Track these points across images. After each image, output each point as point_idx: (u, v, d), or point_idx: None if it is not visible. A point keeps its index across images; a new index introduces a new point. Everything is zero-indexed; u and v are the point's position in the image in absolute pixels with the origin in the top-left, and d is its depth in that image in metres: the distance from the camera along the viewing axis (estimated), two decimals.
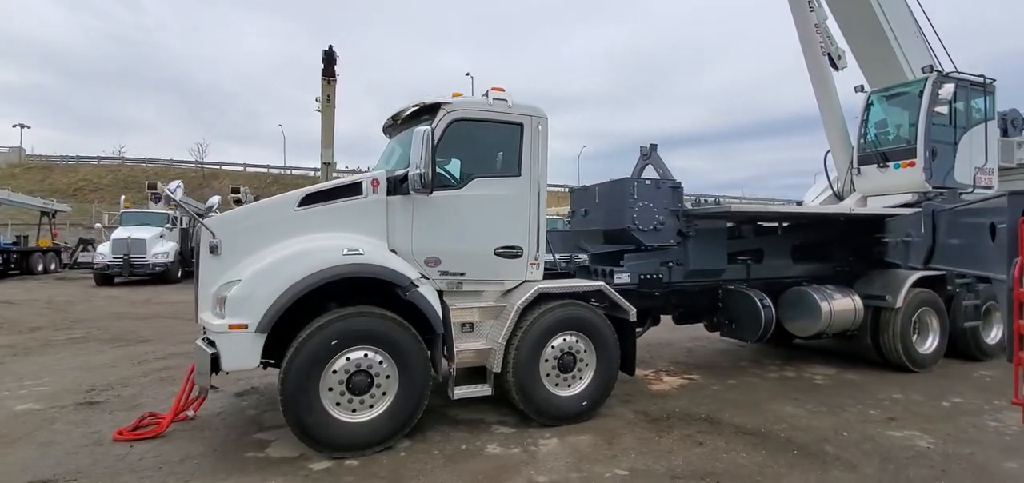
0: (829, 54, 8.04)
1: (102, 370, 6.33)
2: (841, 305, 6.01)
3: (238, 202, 23.70)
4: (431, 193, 4.07)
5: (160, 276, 17.41)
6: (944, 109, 6.42)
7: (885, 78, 7.47)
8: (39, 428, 4.41)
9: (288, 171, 42.65)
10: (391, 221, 4.24)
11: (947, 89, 6.38)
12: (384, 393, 3.93)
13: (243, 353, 3.64)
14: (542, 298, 4.44)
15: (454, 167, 4.53)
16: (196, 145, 49.64)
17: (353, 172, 40.60)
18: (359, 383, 3.85)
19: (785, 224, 6.60)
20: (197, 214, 3.99)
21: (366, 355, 3.86)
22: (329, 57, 19.46)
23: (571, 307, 4.53)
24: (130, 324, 9.79)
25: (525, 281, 4.61)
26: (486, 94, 4.62)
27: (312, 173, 42.17)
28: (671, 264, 5.68)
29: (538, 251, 4.64)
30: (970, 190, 6.48)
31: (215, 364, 3.62)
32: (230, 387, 5.44)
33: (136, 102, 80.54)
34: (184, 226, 19.91)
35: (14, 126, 44.45)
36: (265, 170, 42.35)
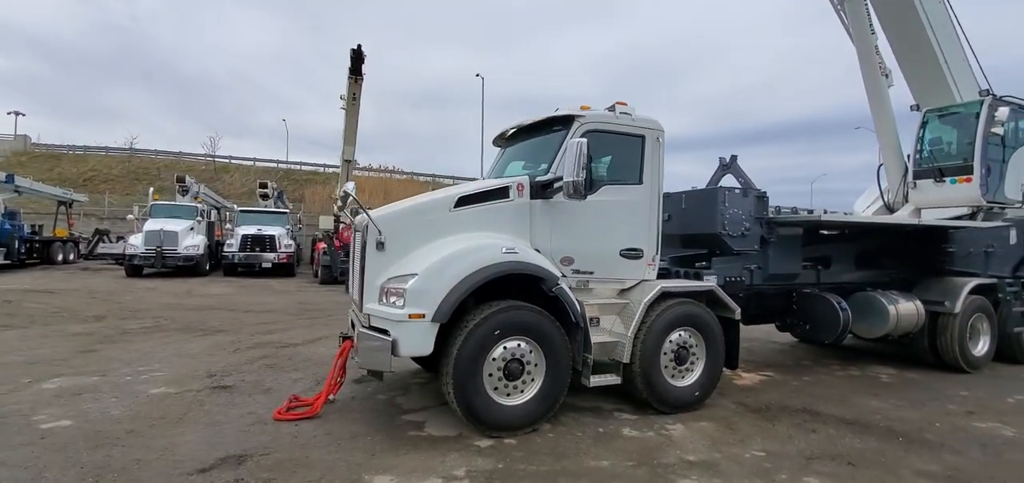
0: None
1: (203, 357, 6.62)
2: (906, 309, 6.49)
3: (265, 196, 23.95)
4: (585, 198, 4.45)
5: (190, 268, 17.65)
6: (999, 129, 6.94)
7: (933, 96, 7.98)
8: (192, 409, 4.71)
9: (299, 166, 42.65)
10: (533, 223, 4.63)
11: (1003, 112, 6.90)
12: (533, 379, 4.30)
13: (420, 340, 3.99)
14: (664, 296, 4.84)
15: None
16: (208, 139, 49.44)
17: (372, 170, 40.53)
18: (513, 370, 4.22)
19: (847, 232, 7.08)
20: (368, 213, 4.32)
21: (519, 344, 4.23)
22: (357, 56, 19.67)
23: (688, 305, 4.94)
24: (191, 314, 10.03)
25: (643, 280, 5.01)
26: (611, 107, 5.01)
27: (322, 170, 42.24)
28: (752, 268, 6.12)
29: (656, 253, 5.05)
30: (1019, 205, 7.01)
31: (395, 349, 3.96)
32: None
33: (128, 92, 79.83)
34: (211, 220, 20.38)
35: (9, 113, 43.97)
36: (275, 165, 42.33)
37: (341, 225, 17.09)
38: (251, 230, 18.12)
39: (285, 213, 20.71)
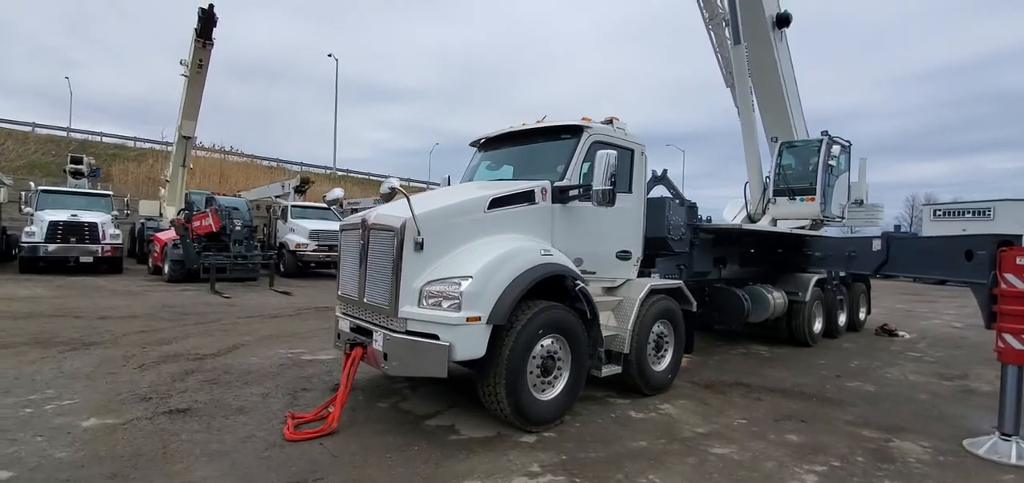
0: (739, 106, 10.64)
1: (105, 379, 5.39)
2: (778, 298, 8.26)
3: (78, 174, 19.16)
4: (612, 205, 4.83)
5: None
6: (833, 161, 9.24)
7: (781, 130, 10.22)
8: (168, 442, 3.92)
9: (99, 138, 34.51)
10: (554, 226, 4.87)
11: (835, 148, 9.20)
12: (562, 374, 4.57)
13: (475, 343, 3.97)
14: (651, 292, 5.50)
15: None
16: None
17: (206, 149, 34.56)
18: (548, 366, 4.45)
19: (735, 237, 8.70)
20: (413, 212, 4.06)
21: (552, 341, 4.47)
22: (207, 17, 17.16)
23: (666, 300, 5.68)
24: (27, 325, 7.81)
25: (628, 279, 5.61)
26: (608, 121, 5.48)
27: (132, 144, 35.05)
28: (681, 266, 7.23)
29: (640, 255, 5.69)
30: (840, 219, 9.43)
31: (451, 354, 3.88)
32: (296, 386, 5.28)
33: None
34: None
35: None
36: (65, 134, 33.51)
37: (193, 213, 14.66)
38: (62, 216, 14.42)
39: (109, 196, 16.87)
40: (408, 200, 4.04)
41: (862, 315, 10.60)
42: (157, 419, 4.33)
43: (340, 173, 38.72)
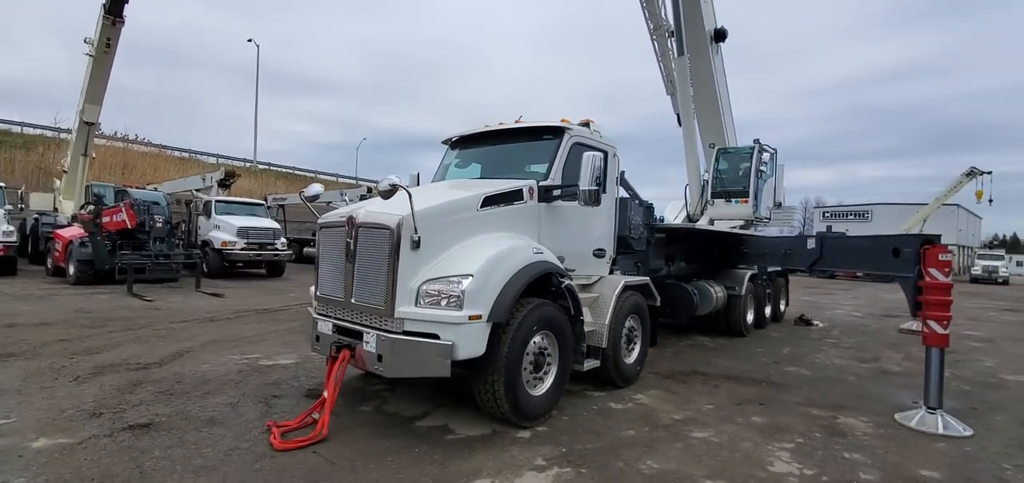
0: (679, 113, 11.37)
1: (40, 394, 4.80)
2: (720, 292, 8.93)
3: None
4: (599, 204, 4.99)
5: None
6: (763, 167, 10.10)
7: (716, 137, 11.01)
8: (140, 460, 3.59)
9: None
10: (540, 224, 4.98)
11: (765, 155, 10.07)
12: (551, 369, 4.68)
13: (476, 342, 3.98)
14: (625, 288, 5.75)
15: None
16: None
17: (108, 138, 31.03)
18: (539, 362, 4.55)
19: (682, 236, 9.29)
20: (413, 209, 3.96)
21: (542, 338, 4.57)
22: None
23: (636, 296, 5.97)
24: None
25: (601, 277, 5.84)
26: (585, 124, 5.66)
27: (16, 129, 30.74)
28: (638, 264, 7.62)
29: (613, 254, 5.94)
30: (767, 220, 10.34)
31: (453, 353, 3.86)
32: (269, 391, 5.04)
33: None
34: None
35: None
36: None
37: (101, 207, 13.20)
38: None
39: (1, 188, 14.70)
40: (409, 197, 3.96)
41: (782, 307, 11.71)
42: (118, 436, 3.93)
43: (261, 167, 36.41)
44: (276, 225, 17.16)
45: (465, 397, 4.79)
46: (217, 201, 16.75)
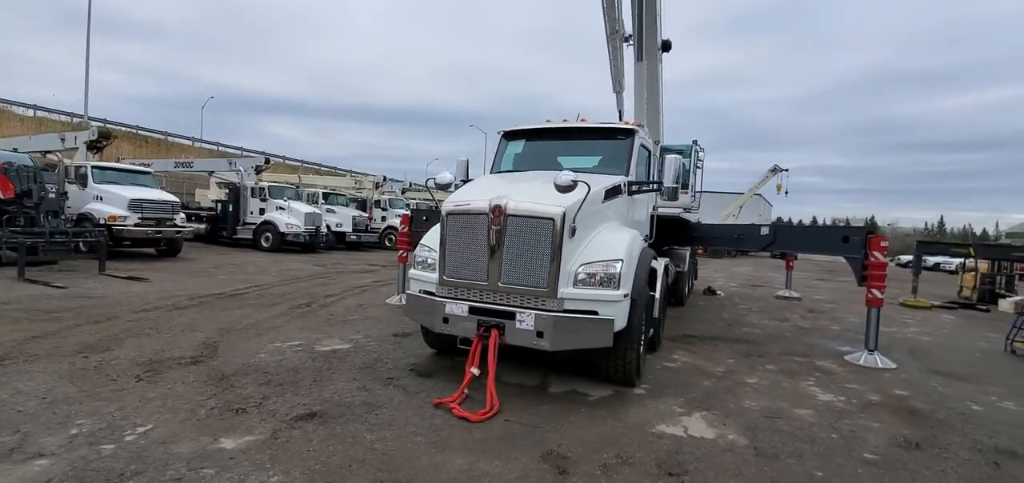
0: (621, 110, 12.87)
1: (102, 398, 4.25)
2: (672, 268, 10.61)
3: None
4: (677, 200, 5.89)
5: None
6: (698, 164, 12.01)
7: (655, 133, 12.71)
8: (337, 445, 3.65)
9: None
10: (627, 214, 5.78)
11: (698, 152, 11.97)
12: (643, 338, 5.57)
13: (624, 316, 4.69)
14: (665, 266, 6.82)
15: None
16: None
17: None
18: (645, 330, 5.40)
19: None
20: (571, 202, 4.43)
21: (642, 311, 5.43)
22: None
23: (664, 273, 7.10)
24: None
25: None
26: (640, 125, 6.55)
27: None
28: None
29: (652, 236, 6.99)
30: (696, 208, 12.36)
31: (615, 327, 4.52)
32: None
33: None
34: None
35: None
36: None
37: None
38: None
39: None
40: (588, 189, 4.50)
41: (693, 281, 14.08)
42: (300, 426, 3.86)
43: (95, 123, 29.92)
44: (174, 197, 14.89)
45: (532, 368, 5.44)
46: (94, 167, 13.90)
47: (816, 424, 4.53)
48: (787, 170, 43.14)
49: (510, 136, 6.67)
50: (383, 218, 25.55)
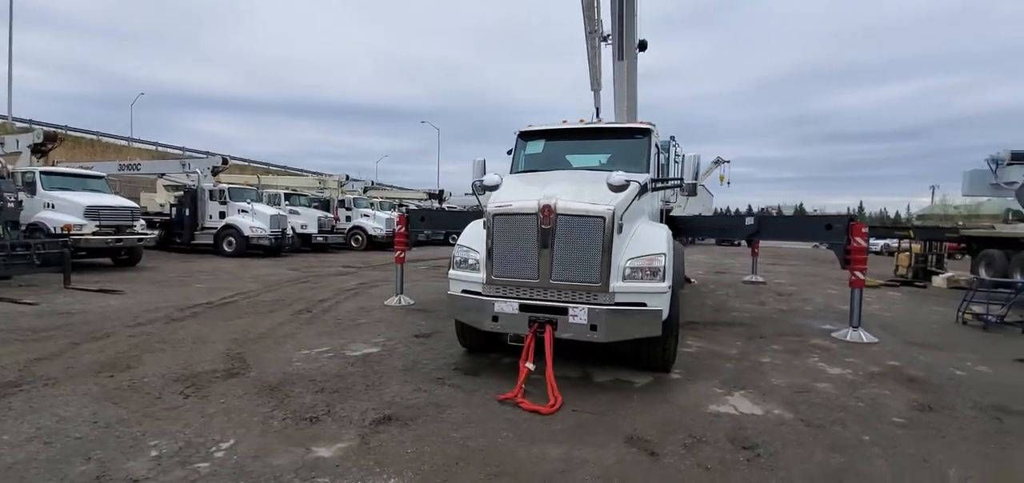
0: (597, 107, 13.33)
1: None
2: None
3: None
4: (695, 196, 6.24)
5: None
6: (677, 159, 12.62)
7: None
8: (427, 444, 3.74)
9: None
10: (650, 209, 6.09)
11: (676, 148, 12.57)
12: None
13: (668, 306, 4.98)
14: None
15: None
16: None
17: None
18: None
19: None
20: (623, 200, 4.65)
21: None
22: None
23: None
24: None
25: None
26: (652, 124, 6.88)
27: None
28: None
29: None
30: (676, 202, 12.98)
31: (662, 316, 4.81)
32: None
33: None
34: None
35: None
36: None
37: None
38: None
39: None
40: (641, 188, 4.76)
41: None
42: (383, 429, 3.89)
43: (20, 125, 27.17)
44: (133, 203, 13.88)
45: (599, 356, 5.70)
46: (42, 173, 12.73)
47: (841, 395, 5.02)
48: (729, 162, 45.52)
49: (527, 136, 6.83)
50: (348, 218, 24.87)
